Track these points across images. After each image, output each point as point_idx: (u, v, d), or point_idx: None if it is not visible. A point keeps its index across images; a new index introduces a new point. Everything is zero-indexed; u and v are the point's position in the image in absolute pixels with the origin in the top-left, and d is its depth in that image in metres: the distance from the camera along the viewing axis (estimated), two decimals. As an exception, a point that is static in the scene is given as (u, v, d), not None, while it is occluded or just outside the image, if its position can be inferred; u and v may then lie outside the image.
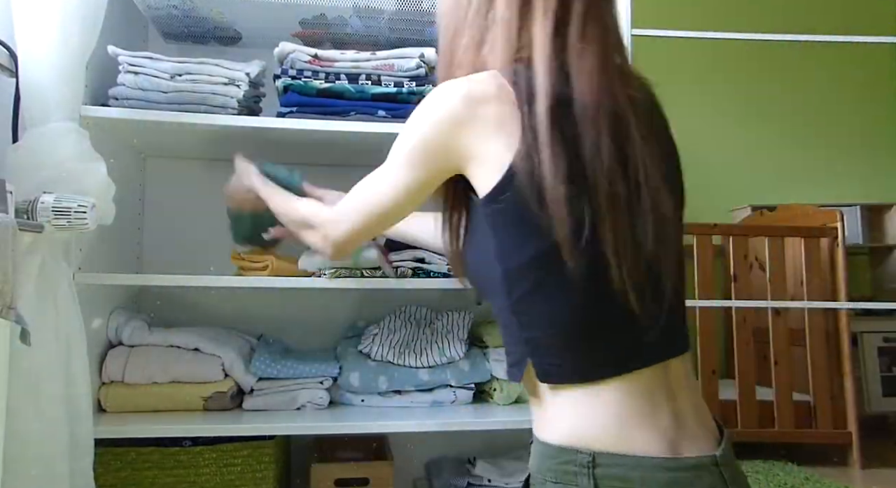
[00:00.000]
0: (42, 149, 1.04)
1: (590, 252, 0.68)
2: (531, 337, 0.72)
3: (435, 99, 0.75)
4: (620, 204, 0.69)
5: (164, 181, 1.58)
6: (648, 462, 0.66)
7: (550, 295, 0.70)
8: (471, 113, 0.71)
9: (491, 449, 1.59)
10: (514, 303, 0.72)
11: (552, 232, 0.67)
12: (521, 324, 0.73)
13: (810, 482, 2.59)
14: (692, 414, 0.71)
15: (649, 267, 0.70)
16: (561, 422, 0.71)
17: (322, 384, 1.38)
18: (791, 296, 3.06)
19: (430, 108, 0.75)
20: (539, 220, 0.68)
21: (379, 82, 1.33)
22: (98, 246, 1.30)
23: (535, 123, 0.68)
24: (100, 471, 1.20)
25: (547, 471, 0.70)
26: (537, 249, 0.69)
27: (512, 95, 0.70)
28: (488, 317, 1.59)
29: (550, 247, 0.68)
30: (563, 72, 0.71)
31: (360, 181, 0.87)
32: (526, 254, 0.70)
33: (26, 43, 1.04)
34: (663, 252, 0.71)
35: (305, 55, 1.32)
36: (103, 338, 1.35)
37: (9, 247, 0.79)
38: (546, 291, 0.70)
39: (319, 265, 1.29)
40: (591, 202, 0.67)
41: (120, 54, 1.26)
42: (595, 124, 0.68)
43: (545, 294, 0.70)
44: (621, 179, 0.69)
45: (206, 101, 1.28)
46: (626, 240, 0.68)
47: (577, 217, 0.67)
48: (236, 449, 1.31)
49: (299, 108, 1.30)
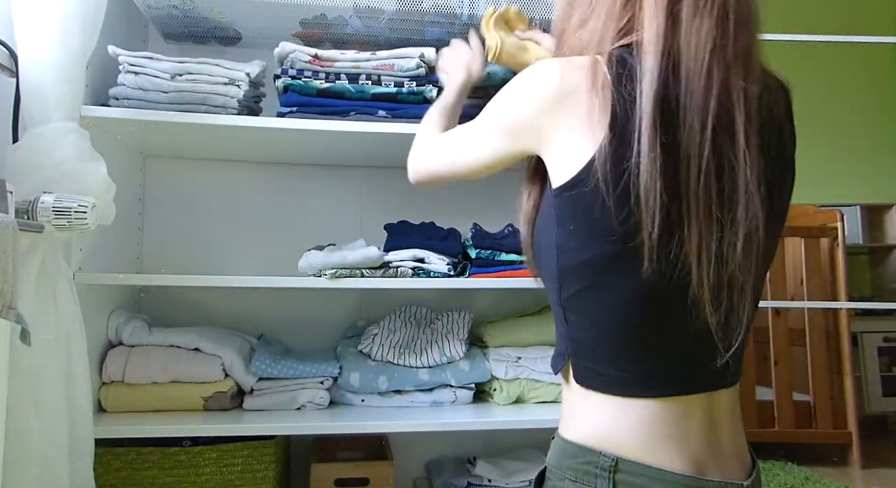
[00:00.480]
0: (42, 149, 1.04)
1: (668, 256, 0.63)
2: (577, 336, 0.69)
3: (535, 75, 0.70)
4: (711, 207, 0.63)
5: (164, 181, 1.58)
6: (671, 477, 0.64)
7: (607, 299, 0.66)
8: (561, 98, 0.66)
9: (491, 449, 1.59)
10: (565, 299, 0.69)
11: (623, 232, 0.63)
12: (569, 322, 0.70)
13: (810, 482, 2.59)
14: (729, 444, 0.68)
15: (729, 283, 0.64)
16: (588, 422, 0.69)
17: (322, 384, 1.38)
18: (791, 295, 3.06)
19: (529, 84, 0.70)
20: (610, 220, 0.63)
21: (379, 82, 1.33)
22: (98, 246, 1.30)
23: (636, 113, 0.63)
24: (100, 471, 1.21)
25: (567, 469, 0.69)
26: (602, 250, 0.65)
27: (609, 84, 0.64)
28: (488, 317, 1.59)
29: (617, 248, 0.64)
30: (671, 57, 0.64)
31: (453, 129, 0.87)
32: (588, 252, 0.66)
33: (26, 43, 1.04)
34: (746, 270, 0.64)
35: (305, 55, 1.32)
36: (103, 338, 1.35)
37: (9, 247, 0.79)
38: (603, 294, 0.66)
39: (320, 267, 1.29)
40: (682, 201, 0.62)
41: (120, 54, 1.26)
42: (700, 116, 0.62)
43: (601, 296, 0.66)
44: (715, 181, 0.63)
45: (207, 102, 1.28)
46: (711, 249, 0.63)
47: (666, 215, 0.62)
48: (236, 449, 1.31)
49: (299, 108, 1.30)
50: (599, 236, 0.65)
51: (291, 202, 1.63)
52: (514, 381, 1.43)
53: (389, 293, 1.62)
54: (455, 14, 1.39)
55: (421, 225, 1.49)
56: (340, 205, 1.65)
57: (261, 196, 1.62)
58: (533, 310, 1.59)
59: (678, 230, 0.62)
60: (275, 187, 1.63)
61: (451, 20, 1.41)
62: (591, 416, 0.69)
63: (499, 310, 1.65)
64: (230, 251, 1.60)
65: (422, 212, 1.62)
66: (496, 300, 1.68)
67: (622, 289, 0.65)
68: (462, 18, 1.40)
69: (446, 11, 1.38)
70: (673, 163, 0.62)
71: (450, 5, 1.37)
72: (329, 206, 1.64)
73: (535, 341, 1.49)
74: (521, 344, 1.48)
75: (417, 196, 1.67)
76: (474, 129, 0.80)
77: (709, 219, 0.62)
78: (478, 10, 1.38)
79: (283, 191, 1.63)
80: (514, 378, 1.43)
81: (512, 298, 1.67)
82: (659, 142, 0.62)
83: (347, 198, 1.65)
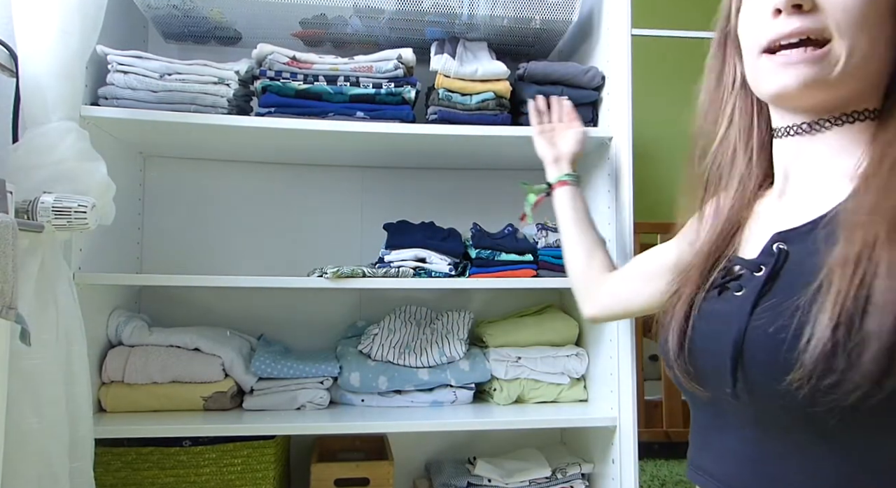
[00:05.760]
0: (42, 150, 1.04)
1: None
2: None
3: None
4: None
5: (164, 181, 1.58)
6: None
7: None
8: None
9: (491, 449, 1.59)
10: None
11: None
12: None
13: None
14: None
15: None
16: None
17: (322, 384, 1.38)
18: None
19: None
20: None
21: (357, 84, 1.33)
22: (98, 246, 1.30)
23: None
24: (100, 471, 1.20)
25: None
26: None
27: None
28: (488, 317, 1.59)
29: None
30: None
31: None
32: None
33: (26, 42, 1.04)
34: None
35: (284, 57, 1.32)
36: (103, 338, 1.35)
37: (9, 247, 0.79)
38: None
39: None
40: None
41: (109, 53, 1.26)
42: None
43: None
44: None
45: (196, 101, 1.28)
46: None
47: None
48: (236, 449, 1.31)
49: (277, 109, 1.30)
50: None
51: (291, 202, 1.63)
52: (514, 381, 1.43)
53: (389, 293, 1.62)
54: (455, 14, 1.39)
55: (421, 225, 1.49)
56: (340, 205, 1.65)
57: (261, 196, 1.62)
58: (533, 309, 1.59)
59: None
60: (275, 187, 1.63)
61: (451, 20, 1.41)
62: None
63: (499, 310, 1.65)
64: (230, 251, 1.59)
65: (422, 212, 1.62)
66: (496, 300, 1.68)
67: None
68: (462, 18, 1.40)
69: (446, 11, 1.38)
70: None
71: (450, 5, 1.37)
72: (329, 206, 1.64)
73: (535, 341, 1.49)
74: (521, 344, 1.48)
75: (417, 196, 1.67)
76: None
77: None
78: (478, 10, 1.38)
79: (283, 191, 1.63)
80: (514, 378, 1.43)
81: (512, 298, 1.67)
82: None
83: (347, 198, 1.65)
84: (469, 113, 1.36)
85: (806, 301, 0.56)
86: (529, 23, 1.44)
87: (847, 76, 0.62)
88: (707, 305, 0.67)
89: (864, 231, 0.55)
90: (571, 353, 1.47)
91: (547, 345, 1.49)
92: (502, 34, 1.49)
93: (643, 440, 1.39)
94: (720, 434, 0.67)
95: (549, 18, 1.42)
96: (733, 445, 0.65)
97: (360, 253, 1.63)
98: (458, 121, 1.35)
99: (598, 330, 1.44)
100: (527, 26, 1.46)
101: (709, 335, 0.66)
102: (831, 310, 0.53)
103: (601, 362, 1.41)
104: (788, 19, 0.62)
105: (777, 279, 0.62)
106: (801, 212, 0.65)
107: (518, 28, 1.46)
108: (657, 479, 2.26)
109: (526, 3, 1.38)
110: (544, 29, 1.47)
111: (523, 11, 1.40)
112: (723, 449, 0.66)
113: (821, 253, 0.58)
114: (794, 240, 0.63)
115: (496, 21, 1.42)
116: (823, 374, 0.53)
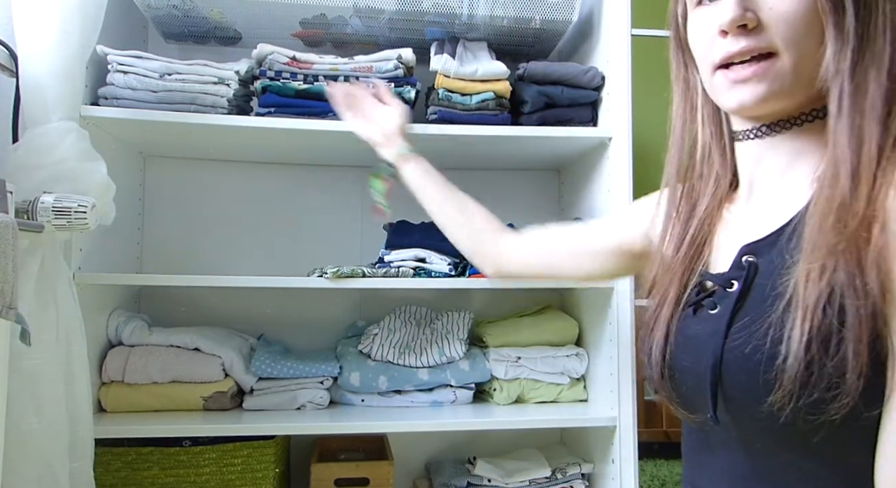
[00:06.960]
0: (42, 150, 1.04)
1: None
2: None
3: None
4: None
5: (164, 181, 1.58)
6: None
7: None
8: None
9: (491, 449, 1.59)
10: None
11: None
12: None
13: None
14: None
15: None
16: None
17: (322, 384, 1.38)
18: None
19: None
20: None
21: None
22: (98, 246, 1.30)
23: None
24: (100, 471, 1.20)
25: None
26: None
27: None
28: (488, 317, 1.59)
29: None
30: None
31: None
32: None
33: (26, 42, 1.04)
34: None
35: (284, 57, 1.32)
36: (103, 338, 1.35)
37: (9, 247, 0.79)
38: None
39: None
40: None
41: (109, 53, 1.26)
42: None
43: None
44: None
45: (196, 101, 1.28)
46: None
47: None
48: (236, 449, 1.31)
49: (277, 109, 1.31)
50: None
51: (291, 202, 1.63)
52: (514, 381, 1.43)
53: (389, 293, 1.62)
54: (455, 14, 1.39)
55: (421, 225, 1.48)
56: (340, 205, 1.65)
57: (261, 196, 1.62)
58: (533, 310, 1.59)
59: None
60: (275, 187, 1.63)
61: (451, 20, 1.41)
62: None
63: (499, 310, 1.65)
64: (230, 251, 1.60)
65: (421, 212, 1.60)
66: (496, 300, 1.68)
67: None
68: (462, 18, 1.40)
69: (446, 11, 1.38)
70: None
71: (450, 5, 1.37)
72: (329, 206, 1.64)
73: (535, 341, 1.49)
74: (520, 344, 1.48)
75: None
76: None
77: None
78: (478, 10, 1.38)
79: (283, 191, 1.63)
80: (514, 378, 1.43)
81: (512, 298, 1.67)
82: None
83: (347, 198, 1.65)
84: (469, 113, 1.36)
85: (777, 317, 0.56)
86: (529, 23, 1.44)
87: (799, 84, 0.62)
88: (684, 326, 0.67)
89: (825, 240, 0.55)
90: (571, 353, 1.47)
91: (547, 345, 1.49)
92: (502, 34, 1.49)
93: (643, 440, 1.39)
94: (711, 454, 0.67)
95: (549, 18, 1.42)
96: (726, 465, 0.65)
97: (360, 253, 1.63)
98: (458, 121, 1.35)
99: (598, 330, 1.44)
100: (527, 26, 1.46)
101: (687, 360, 0.65)
102: (800, 326, 0.53)
103: (601, 362, 1.41)
104: (736, 39, 0.63)
105: (749, 295, 0.61)
106: (766, 220, 0.65)
107: (518, 28, 1.46)
108: (657, 479, 2.26)
109: (526, 3, 1.38)
110: (544, 29, 1.47)
111: (523, 11, 1.40)
112: (716, 469, 0.66)
113: (787, 264, 0.58)
114: (762, 251, 0.63)
115: (496, 21, 1.42)
116: (804, 392, 0.53)
